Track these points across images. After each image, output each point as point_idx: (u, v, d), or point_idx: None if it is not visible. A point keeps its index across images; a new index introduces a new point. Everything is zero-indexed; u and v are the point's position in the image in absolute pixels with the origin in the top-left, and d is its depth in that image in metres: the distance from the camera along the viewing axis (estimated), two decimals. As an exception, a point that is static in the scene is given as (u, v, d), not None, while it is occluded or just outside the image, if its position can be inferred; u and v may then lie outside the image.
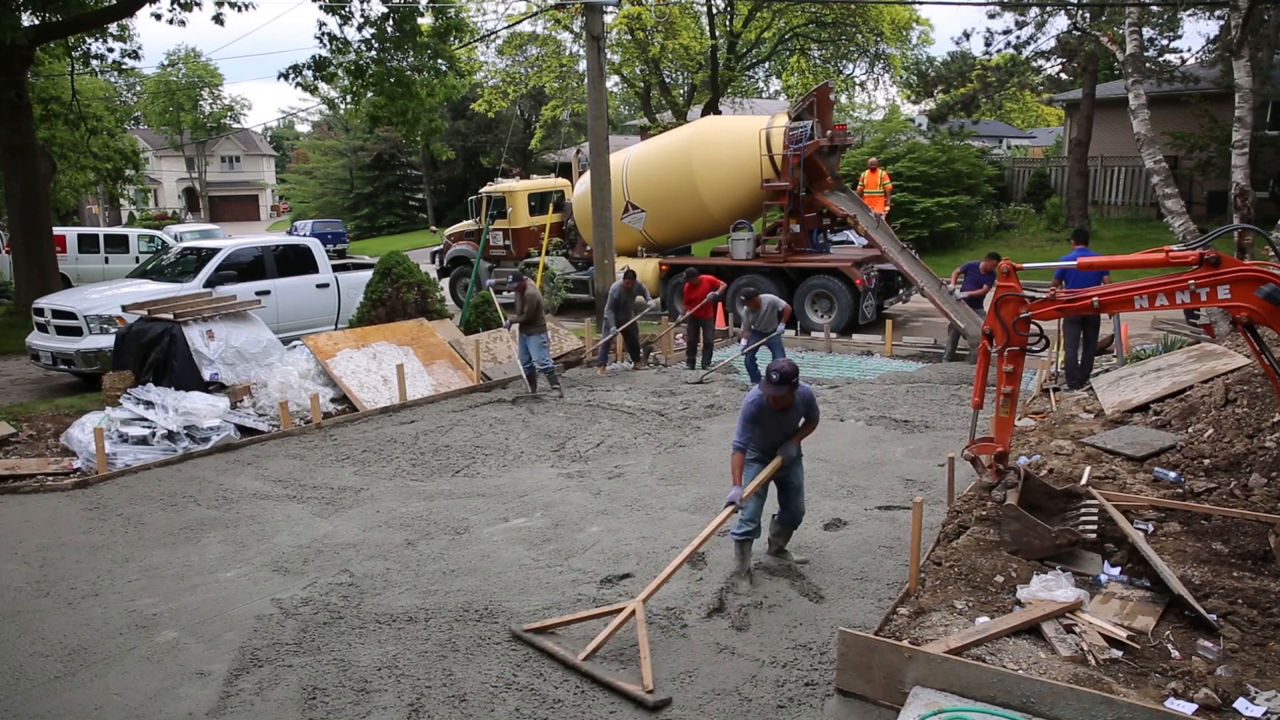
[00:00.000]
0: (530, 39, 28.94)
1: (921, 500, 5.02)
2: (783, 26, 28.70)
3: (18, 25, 13.88)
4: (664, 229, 16.59)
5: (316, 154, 53.74)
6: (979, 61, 24.09)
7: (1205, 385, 7.47)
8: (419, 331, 11.48)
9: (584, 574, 5.67)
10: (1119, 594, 4.75)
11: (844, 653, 4.21)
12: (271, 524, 6.68)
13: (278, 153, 76.54)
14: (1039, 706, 3.73)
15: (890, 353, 12.67)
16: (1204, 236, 5.68)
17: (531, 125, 37.21)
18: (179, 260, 12.96)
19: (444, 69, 16.74)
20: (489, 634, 4.92)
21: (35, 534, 6.56)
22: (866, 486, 7.20)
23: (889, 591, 5.28)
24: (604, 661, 4.58)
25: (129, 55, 19.32)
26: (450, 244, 19.97)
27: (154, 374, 9.37)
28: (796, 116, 15.11)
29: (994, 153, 30.58)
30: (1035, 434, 7.73)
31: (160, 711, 4.29)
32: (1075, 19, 17.00)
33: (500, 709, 4.22)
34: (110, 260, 20.21)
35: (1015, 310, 5.51)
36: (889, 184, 18.19)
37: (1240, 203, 10.85)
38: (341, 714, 4.23)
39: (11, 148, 14.99)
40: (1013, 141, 45.24)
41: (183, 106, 55.47)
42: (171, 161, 64.79)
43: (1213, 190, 22.26)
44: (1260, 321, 4.87)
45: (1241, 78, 10.94)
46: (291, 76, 16.03)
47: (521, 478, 7.67)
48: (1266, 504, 5.51)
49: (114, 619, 5.21)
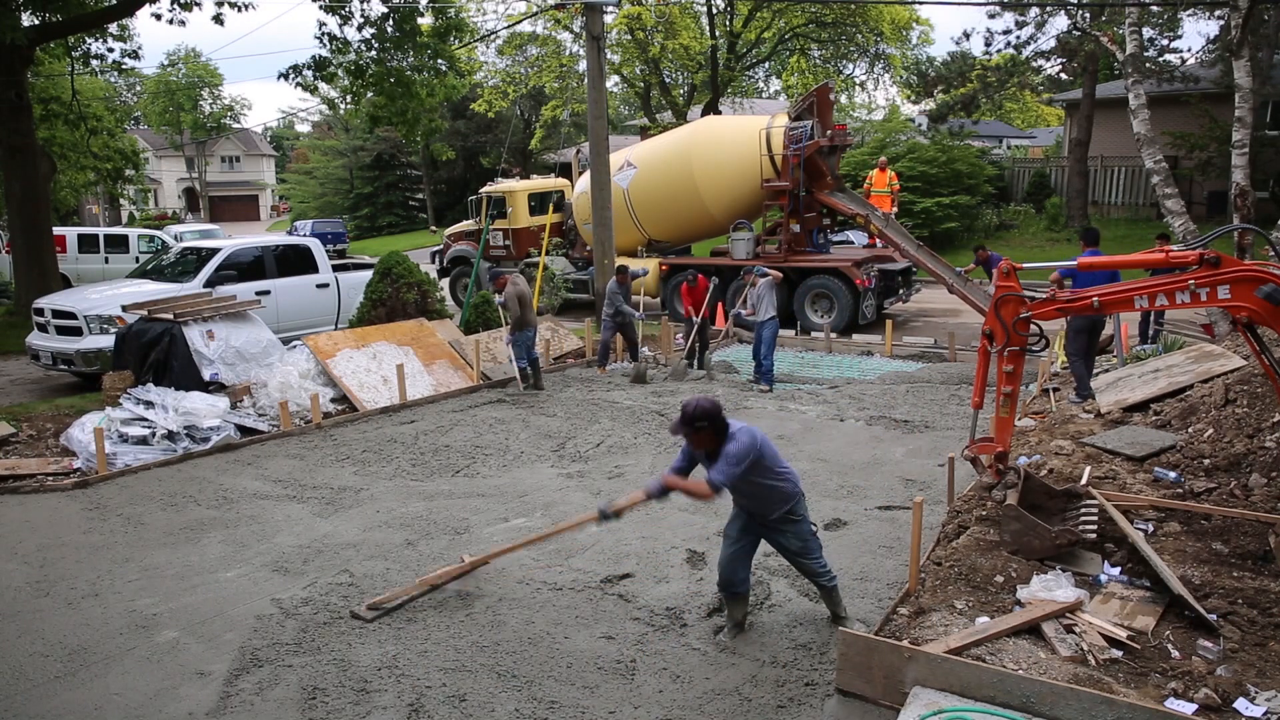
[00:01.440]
0: (530, 39, 28.95)
1: (921, 500, 5.02)
2: (783, 26, 28.71)
3: (18, 25, 13.88)
4: (664, 228, 16.60)
5: (316, 154, 53.77)
6: (979, 61, 24.12)
7: (1205, 385, 7.47)
8: (419, 331, 11.48)
9: (584, 574, 5.67)
10: (1119, 594, 4.75)
11: (844, 653, 4.21)
12: (271, 524, 6.68)
13: (278, 153, 76.55)
14: (1039, 706, 3.73)
15: (890, 353, 12.67)
16: (1204, 236, 5.68)
17: (531, 125, 37.21)
18: (179, 260, 12.96)
19: (444, 69, 16.75)
20: (489, 634, 4.92)
21: (35, 534, 6.56)
22: (866, 486, 7.20)
23: (889, 591, 5.28)
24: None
25: (129, 55, 19.35)
26: (450, 244, 19.97)
27: (154, 374, 9.37)
28: (796, 116, 15.12)
29: (994, 153, 30.60)
30: (1035, 434, 7.73)
31: (160, 711, 4.29)
32: (1075, 19, 17.02)
33: (500, 709, 4.22)
34: (110, 260, 20.21)
35: (1015, 310, 5.51)
36: (897, 184, 18.19)
37: (1240, 203, 10.86)
38: (341, 714, 4.23)
39: (11, 148, 14.99)
40: (1013, 141, 45.25)
41: (183, 106, 55.48)
42: (171, 161, 64.79)
43: (1213, 190, 22.27)
44: (1260, 321, 4.87)
45: (1241, 78, 10.94)
46: (291, 76, 16.04)
47: (521, 478, 7.67)
48: (1266, 504, 5.51)
49: (114, 619, 5.21)
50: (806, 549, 4.74)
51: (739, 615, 4.87)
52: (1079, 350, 8.88)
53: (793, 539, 4.72)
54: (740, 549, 4.78)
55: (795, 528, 4.71)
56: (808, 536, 4.74)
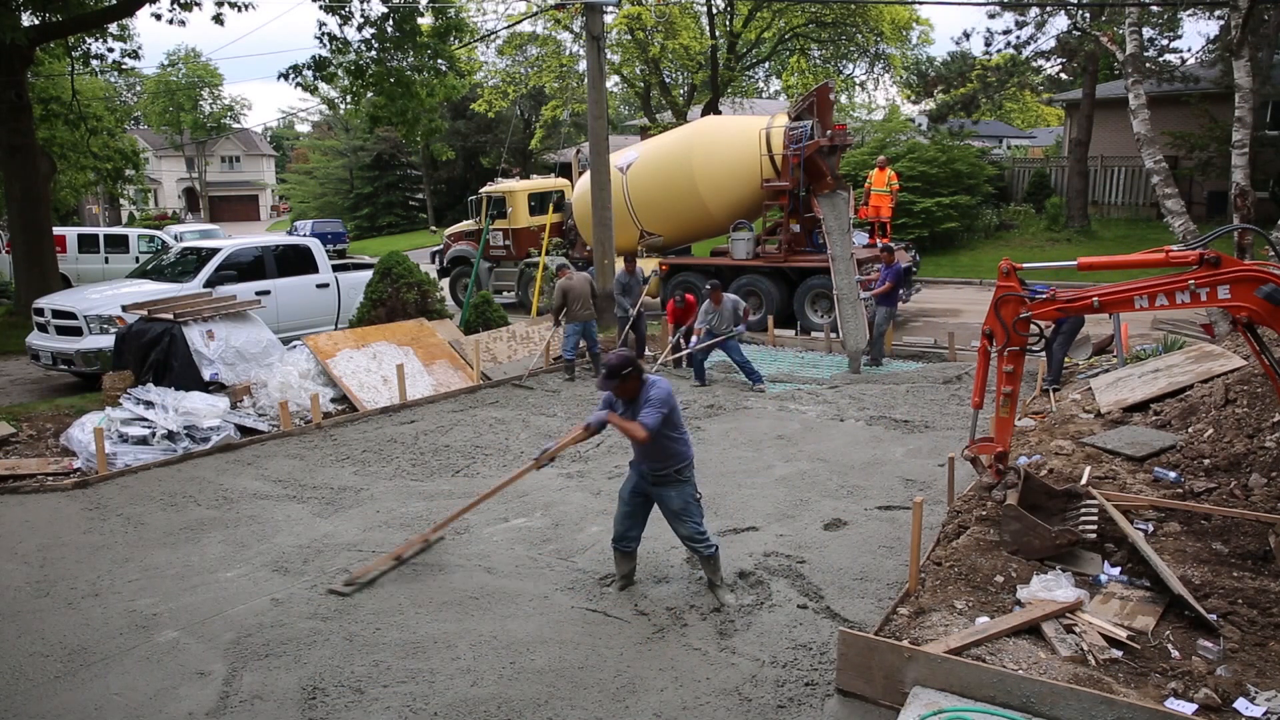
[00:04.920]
0: (530, 39, 28.94)
1: (921, 500, 5.02)
2: (783, 26, 28.69)
3: (18, 25, 13.88)
4: (664, 228, 16.59)
5: (316, 154, 53.77)
6: (979, 61, 24.10)
7: (1205, 385, 7.48)
8: (419, 331, 11.47)
9: (584, 574, 5.67)
10: (1119, 594, 4.75)
11: (844, 653, 4.21)
12: (271, 524, 6.68)
13: (278, 153, 76.55)
14: (1039, 706, 3.73)
15: (890, 352, 12.67)
16: (1204, 236, 5.67)
17: (531, 125, 37.21)
18: (179, 260, 12.97)
19: (444, 69, 16.75)
20: (490, 634, 4.92)
21: (35, 534, 6.56)
22: (866, 486, 7.19)
23: (889, 591, 5.28)
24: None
25: (129, 55, 19.35)
26: (450, 244, 19.97)
27: (154, 374, 9.36)
28: (796, 116, 15.11)
29: (994, 153, 30.59)
30: (1035, 434, 7.73)
31: (160, 711, 4.29)
32: (1075, 19, 17.02)
33: (500, 709, 4.22)
34: (110, 260, 20.20)
35: (1015, 310, 5.51)
36: (896, 184, 18.19)
37: (1240, 203, 10.85)
38: (341, 714, 4.23)
39: (11, 148, 14.99)
40: (1013, 141, 45.25)
41: (183, 106, 55.52)
42: (171, 161, 64.80)
43: (1213, 190, 22.27)
44: (1260, 321, 4.87)
45: (1241, 78, 10.94)
46: (291, 76, 16.04)
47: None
48: (1266, 504, 5.51)
49: (114, 619, 5.21)
50: (687, 510, 5.19)
51: (626, 570, 5.45)
52: (1060, 344, 9.69)
53: (675, 499, 5.18)
54: (633, 508, 5.34)
55: (680, 488, 5.20)
56: (690, 499, 5.21)
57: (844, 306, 12.90)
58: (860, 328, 12.38)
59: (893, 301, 12.16)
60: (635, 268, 12.35)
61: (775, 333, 13.79)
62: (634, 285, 12.26)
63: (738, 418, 9.40)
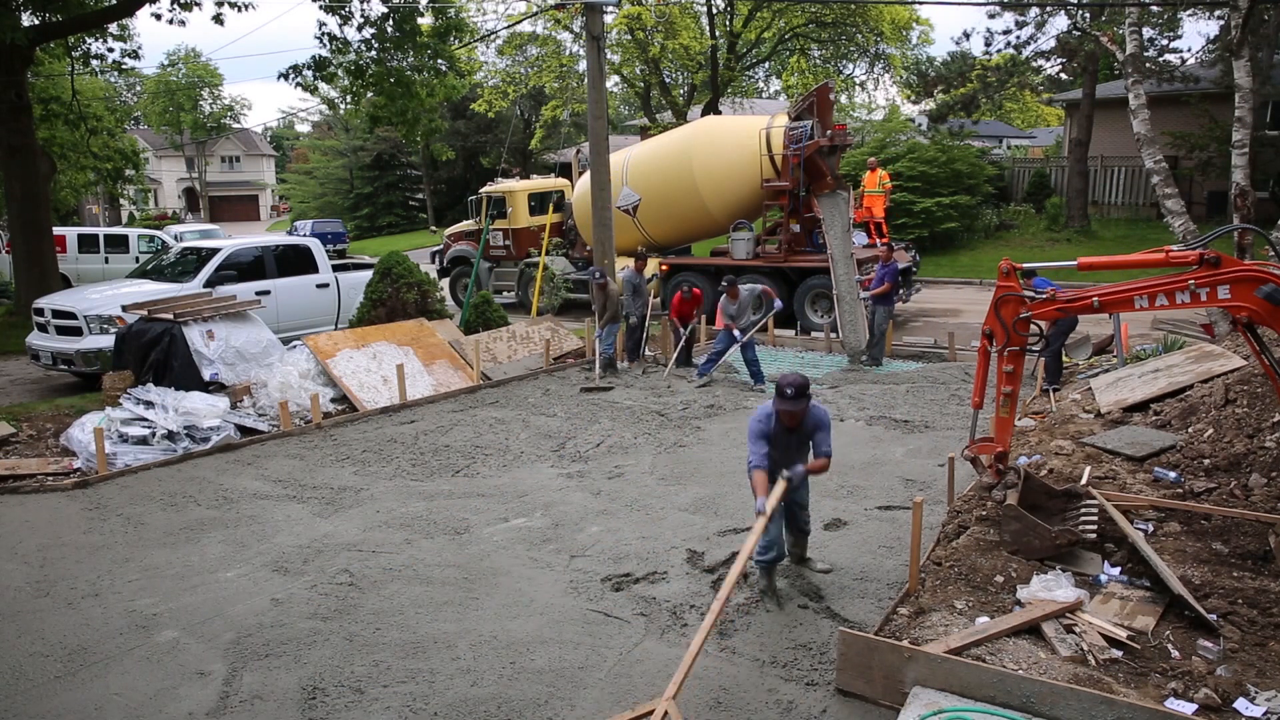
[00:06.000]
0: (530, 39, 28.93)
1: (921, 500, 5.02)
2: (783, 26, 28.69)
3: (18, 25, 13.88)
4: (664, 229, 16.59)
5: (316, 154, 53.76)
6: (979, 61, 24.10)
7: (1205, 385, 7.47)
8: (419, 331, 11.48)
9: (584, 574, 5.67)
10: (1119, 594, 4.75)
11: (844, 653, 4.21)
12: (271, 524, 6.68)
13: (278, 153, 76.55)
14: (1039, 706, 3.73)
15: (890, 352, 12.67)
16: (1204, 236, 5.67)
17: (531, 125, 37.19)
18: (179, 260, 12.96)
19: (444, 69, 16.74)
20: (490, 634, 4.92)
21: (35, 534, 6.56)
22: (866, 486, 7.19)
23: (889, 591, 5.28)
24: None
25: (129, 55, 19.32)
26: (450, 244, 19.97)
27: (154, 374, 9.37)
28: (796, 116, 15.10)
29: (994, 153, 30.57)
30: (1035, 434, 7.73)
31: (160, 711, 4.29)
32: (1075, 19, 17.02)
33: (499, 709, 4.22)
34: (110, 260, 20.20)
35: (1015, 310, 5.51)
36: (888, 184, 18.22)
37: (1240, 203, 10.85)
38: (341, 714, 4.23)
39: (11, 148, 14.99)
40: (1013, 141, 45.23)
41: (183, 106, 55.50)
42: (171, 161, 64.79)
43: (1213, 190, 22.26)
44: (1260, 321, 4.87)
45: (1241, 78, 10.94)
46: (291, 76, 16.04)
47: (521, 478, 7.67)
48: (1266, 504, 5.51)
49: (114, 619, 5.21)
50: (808, 500, 5.46)
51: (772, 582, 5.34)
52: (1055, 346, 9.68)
53: (805, 493, 5.43)
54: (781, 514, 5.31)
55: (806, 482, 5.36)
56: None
57: (844, 306, 12.91)
58: (860, 328, 12.38)
59: (890, 301, 12.17)
60: (644, 266, 12.43)
61: (775, 333, 13.79)
62: (643, 286, 12.33)
63: (738, 418, 9.39)
